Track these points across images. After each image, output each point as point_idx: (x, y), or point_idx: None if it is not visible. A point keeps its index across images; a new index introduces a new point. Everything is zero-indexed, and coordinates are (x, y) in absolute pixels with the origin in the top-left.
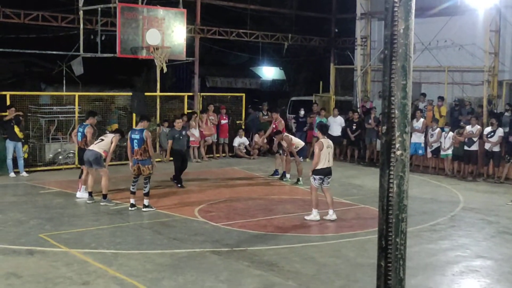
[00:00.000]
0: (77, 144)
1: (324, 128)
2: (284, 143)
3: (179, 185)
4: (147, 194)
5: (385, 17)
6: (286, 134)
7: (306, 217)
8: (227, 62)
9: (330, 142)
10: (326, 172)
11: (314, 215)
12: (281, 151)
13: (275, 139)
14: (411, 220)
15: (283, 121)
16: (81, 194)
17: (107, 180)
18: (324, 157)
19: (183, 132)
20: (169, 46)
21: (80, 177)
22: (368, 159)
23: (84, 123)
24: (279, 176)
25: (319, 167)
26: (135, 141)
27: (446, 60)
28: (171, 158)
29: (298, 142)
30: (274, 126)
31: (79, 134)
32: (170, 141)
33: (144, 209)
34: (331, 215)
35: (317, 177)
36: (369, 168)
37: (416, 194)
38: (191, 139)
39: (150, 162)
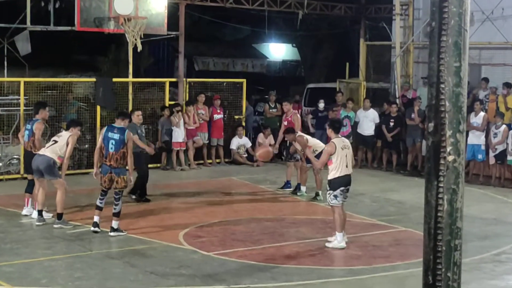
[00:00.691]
0: (23, 146)
1: (336, 124)
2: (297, 146)
3: (144, 199)
4: (117, 215)
5: None
6: (300, 133)
7: (327, 244)
8: (222, 37)
9: (346, 142)
10: (346, 181)
11: (338, 241)
12: (296, 156)
13: (279, 137)
14: (467, 247)
15: (298, 115)
16: (30, 211)
17: (63, 195)
18: (341, 161)
19: (143, 129)
20: (145, 16)
21: (27, 190)
22: (411, 167)
23: (33, 119)
24: (291, 189)
25: (336, 175)
26: (112, 142)
27: None
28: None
29: (317, 144)
30: (285, 122)
31: (27, 132)
32: (136, 137)
33: (112, 233)
34: (340, 241)
35: (337, 191)
36: (412, 178)
37: (475, 213)
38: (177, 139)
39: (126, 172)
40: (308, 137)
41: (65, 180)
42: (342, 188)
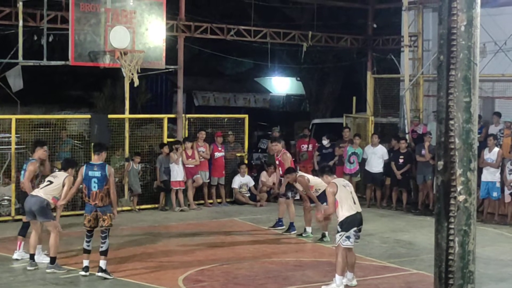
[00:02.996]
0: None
1: (326, 168)
2: (299, 186)
3: None
4: (105, 253)
5: (440, 10)
6: (301, 173)
7: (324, 287)
8: (223, 71)
9: (346, 181)
10: (358, 220)
11: (337, 284)
12: (288, 194)
13: (284, 179)
14: None
15: (288, 154)
16: (22, 255)
17: (56, 238)
18: (346, 199)
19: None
20: (142, 49)
21: (21, 233)
22: (422, 205)
23: (30, 158)
24: (284, 228)
25: (346, 214)
26: (95, 180)
27: None
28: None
29: (319, 184)
30: (277, 162)
31: (22, 172)
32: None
33: (100, 274)
34: (351, 279)
35: (350, 232)
36: (423, 217)
37: (490, 254)
38: (176, 178)
39: (111, 209)
40: (310, 176)
41: (59, 222)
42: (355, 229)
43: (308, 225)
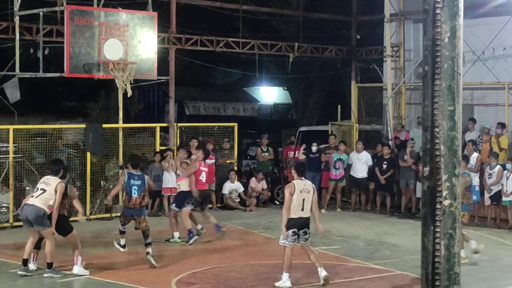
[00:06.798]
0: None
1: (300, 167)
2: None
3: None
4: (150, 244)
5: (424, 22)
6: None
7: (276, 283)
8: (212, 81)
9: (308, 184)
10: (300, 224)
11: (283, 280)
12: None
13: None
14: None
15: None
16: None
17: (52, 245)
18: (297, 203)
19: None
20: (134, 61)
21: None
22: (405, 209)
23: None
24: (195, 237)
25: (290, 216)
26: (135, 187)
27: (507, 74)
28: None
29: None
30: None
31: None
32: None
33: (148, 257)
34: (322, 271)
35: (289, 232)
36: (406, 220)
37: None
38: (167, 185)
39: (145, 212)
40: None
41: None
42: (294, 230)
43: (176, 230)
